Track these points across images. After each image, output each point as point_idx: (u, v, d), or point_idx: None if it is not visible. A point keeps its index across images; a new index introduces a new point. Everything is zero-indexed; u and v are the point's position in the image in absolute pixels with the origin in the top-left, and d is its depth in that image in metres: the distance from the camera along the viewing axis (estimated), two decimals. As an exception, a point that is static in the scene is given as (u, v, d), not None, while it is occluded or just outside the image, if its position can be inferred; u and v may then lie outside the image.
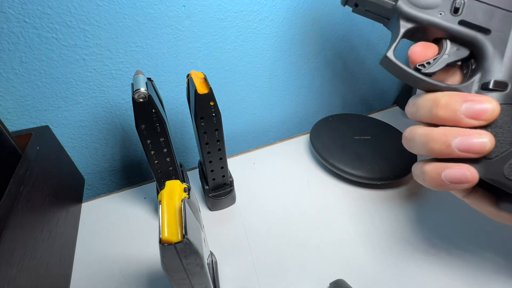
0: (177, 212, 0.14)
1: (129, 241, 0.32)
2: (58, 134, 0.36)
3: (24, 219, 0.23)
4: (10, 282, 0.19)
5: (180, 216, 0.14)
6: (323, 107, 0.55)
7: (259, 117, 0.49)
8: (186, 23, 0.35)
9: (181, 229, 0.13)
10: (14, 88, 0.32)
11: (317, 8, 0.42)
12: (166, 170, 0.30)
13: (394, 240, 0.31)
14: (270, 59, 0.44)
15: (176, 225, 0.14)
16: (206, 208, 0.36)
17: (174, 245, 0.13)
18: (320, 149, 0.40)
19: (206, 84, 0.26)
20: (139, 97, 0.24)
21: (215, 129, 0.28)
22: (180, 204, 0.14)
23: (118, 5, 0.31)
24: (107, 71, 0.34)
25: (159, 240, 0.13)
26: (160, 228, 0.14)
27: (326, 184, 0.39)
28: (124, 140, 0.41)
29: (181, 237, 0.13)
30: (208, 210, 0.36)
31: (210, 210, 0.36)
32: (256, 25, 0.39)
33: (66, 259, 0.29)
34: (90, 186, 0.43)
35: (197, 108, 0.26)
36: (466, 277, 0.28)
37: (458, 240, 0.31)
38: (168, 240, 0.13)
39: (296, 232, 0.33)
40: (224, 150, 0.31)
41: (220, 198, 0.34)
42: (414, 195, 0.37)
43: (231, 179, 0.35)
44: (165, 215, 0.14)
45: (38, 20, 0.29)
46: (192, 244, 0.14)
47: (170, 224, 0.14)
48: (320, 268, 0.29)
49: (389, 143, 0.40)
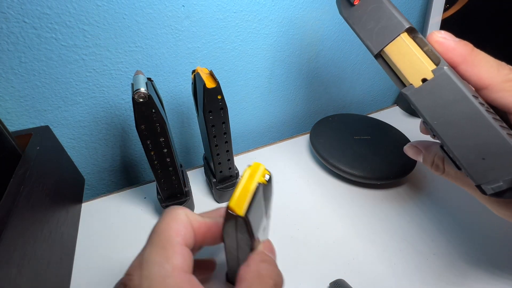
0: (250, 192, 0.15)
1: (129, 241, 0.32)
2: (58, 134, 0.36)
3: (24, 219, 0.23)
4: (10, 282, 0.19)
5: (250, 196, 0.15)
6: (323, 107, 0.55)
7: (259, 117, 0.49)
8: (186, 23, 0.35)
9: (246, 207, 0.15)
10: (13, 88, 0.31)
11: (317, 8, 0.42)
12: (166, 170, 0.30)
13: (394, 240, 0.31)
14: (269, 59, 0.44)
15: (244, 202, 0.15)
16: (213, 200, 0.37)
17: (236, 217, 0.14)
18: (320, 149, 0.40)
19: (213, 78, 0.27)
20: (139, 97, 0.24)
21: (222, 122, 0.30)
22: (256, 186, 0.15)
23: (118, 5, 0.31)
24: (107, 71, 0.34)
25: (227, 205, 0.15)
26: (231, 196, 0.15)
27: (326, 184, 0.39)
28: (124, 140, 0.41)
29: (243, 214, 0.14)
30: (215, 202, 0.37)
31: (218, 202, 0.37)
32: (255, 25, 0.39)
33: (66, 259, 0.29)
34: (90, 186, 0.43)
35: (205, 102, 0.27)
36: (466, 277, 0.28)
37: (458, 240, 0.31)
38: (232, 209, 0.14)
39: (296, 232, 0.33)
40: (230, 143, 0.32)
41: (227, 190, 0.35)
42: (414, 195, 0.37)
43: (237, 171, 0.36)
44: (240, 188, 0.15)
45: (37, 20, 0.29)
46: (248, 224, 0.15)
47: (240, 198, 0.15)
48: (320, 268, 0.29)
49: (389, 143, 0.40)
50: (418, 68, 0.18)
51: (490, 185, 0.16)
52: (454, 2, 0.46)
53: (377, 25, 0.20)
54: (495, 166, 0.16)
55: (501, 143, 0.16)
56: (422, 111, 0.18)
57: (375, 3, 0.20)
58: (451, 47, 0.18)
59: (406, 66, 0.18)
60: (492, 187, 0.16)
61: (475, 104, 0.16)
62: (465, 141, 0.17)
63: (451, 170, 0.22)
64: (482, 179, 0.17)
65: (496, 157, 0.16)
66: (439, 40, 0.18)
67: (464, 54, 0.18)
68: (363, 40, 0.21)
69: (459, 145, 0.17)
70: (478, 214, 0.33)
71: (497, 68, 0.18)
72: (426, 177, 0.39)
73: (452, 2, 0.46)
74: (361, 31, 0.20)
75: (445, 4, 0.46)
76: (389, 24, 0.19)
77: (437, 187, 0.37)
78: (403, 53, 0.18)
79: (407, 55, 0.18)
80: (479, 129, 0.16)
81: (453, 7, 0.46)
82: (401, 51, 0.19)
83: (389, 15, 0.19)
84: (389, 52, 0.19)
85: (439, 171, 0.23)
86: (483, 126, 0.16)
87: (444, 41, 0.18)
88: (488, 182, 0.17)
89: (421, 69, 0.18)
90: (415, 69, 0.18)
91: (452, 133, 0.17)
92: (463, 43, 0.18)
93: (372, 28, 0.20)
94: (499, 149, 0.16)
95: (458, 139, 0.17)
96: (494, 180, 0.16)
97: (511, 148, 0.16)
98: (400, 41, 0.18)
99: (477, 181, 0.17)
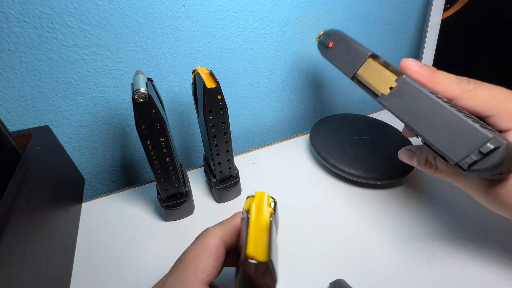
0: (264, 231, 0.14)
1: (129, 241, 0.32)
2: (58, 134, 0.36)
3: (24, 219, 0.23)
4: (10, 282, 0.19)
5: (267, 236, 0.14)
6: (323, 107, 0.55)
7: (259, 117, 0.49)
8: (186, 23, 0.35)
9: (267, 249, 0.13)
10: (14, 88, 0.31)
11: (317, 8, 0.42)
12: (166, 170, 0.30)
13: (394, 240, 0.31)
14: (270, 59, 0.44)
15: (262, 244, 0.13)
16: (214, 200, 0.37)
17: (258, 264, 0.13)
18: (320, 149, 0.40)
19: (213, 78, 0.27)
20: (139, 97, 0.24)
21: (222, 122, 0.30)
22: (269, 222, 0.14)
23: (118, 5, 0.31)
24: (107, 71, 0.34)
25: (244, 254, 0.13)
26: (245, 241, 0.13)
27: (326, 184, 0.39)
28: (124, 140, 0.41)
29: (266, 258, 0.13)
30: (215, 202, 0.37)
31: (218, 202, 0.37)
32: (256, 25, 0.39)
33: (66, 259, 0.29)
34: (90, 186, 0.43)
35: (205, 102, 0.27)
36: (466, 277, 0.28)
37: (458, 240, 0.31)
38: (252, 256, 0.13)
39: (296, 232, 0.33)
40: (230, 143, 0.32)
41: (227, 190, 0.35)
42: (414, 195, 0.37)
43: (237, 171, 0.36)
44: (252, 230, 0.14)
45: (38, 20, 0.29)
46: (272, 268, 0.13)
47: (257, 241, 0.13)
48: (320, 268, 0.29)
49: (389, 143, 0.40)
50: (384, 80, 0.23)
51: (464, 160, 0.19)
52: (454, 2, 0.46)
53: (348, 57, 0.26)
54: (462, 143, 0.19)
55: (460, 122, 0.19)
56: (395, 111, 0.22)
57: (344, 43, 0.27)
58: (416, 70, 0.22)
59: (375, 81, 0.24)
60: (465, 161, 0.19)
61: (431, 97, 0.20)
62: (434, 128, 0.20)
63: (442, 165, 0.24)
64: (457, 157, 0.19)
65: (460, 135, 0.19)
66: (407, 66, 0.22)
67: (428, 75, 0.22)
68: (340, 69, 0.27)
69: (431, 132, 0.20)
70: (478, 214, 0.33)
71: (457, 83, 0.21)
72: (426, 177, 0.39)
73: (452, 2, 0.46)
74: (338, 63, 0.27)
75: (445, 4, 0.46)
76: (357, 54, 0.25)
77: (437, 187, 0.37)
78: (371, 72, 0.24)
79: (375, 72, 0.24)
80: (440, 115, 0.20)
81: (453, 7, 0.46)
82: (369, 71, 0.24)
83: (356, 48, 0.25)
84: (361, 74, 0.25)
85: (432, 168, 0.25)
86: (442, 112, 0.20)
87: (411, 67, 0.22)
88: (462, 159, 0.19)
89: (387, 80, 0.23)
90: (383, 82, 0.23)
91: (423, 124, 0.21)
92: (426, 67, 0.22)
93: (346, 59, 0.26)
94: (460, 128, 0.19)
95: (428, 128, 0.20)
96: (466, 155, 0.19)
97: (468, 125, 0.18)
98: (367, 64, 0.24)
99: (454, 159, 0.19)
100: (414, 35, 0.54)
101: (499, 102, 0.20)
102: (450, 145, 0.19)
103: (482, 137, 0.18)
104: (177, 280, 0.16)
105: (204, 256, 0.16)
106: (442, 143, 0.20)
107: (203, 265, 0.16)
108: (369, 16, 0.47)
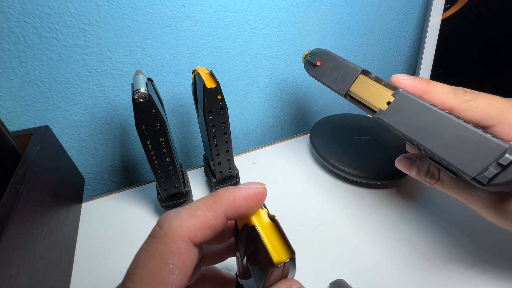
0: (274, 232, 0.14)
1: (129, 241, 0.32)
2: (58, 134, 0.36)
3: (24, 219, 0.23)
4: (10, 282, 0.19)
5: (277, 233, 0.14)
6: (323, 107, 0.55)
7: (259, 117, 0.49)
8: (186, 23, 0.35)
9: (286, 245, 0.14)
10: (14, 88, 0.31)
11: (317, 8, 0.42)
12: (166, 170, 0.30)
13: (394, 240, 0.31)
14: (270, 59, 0.44)
15: (280, 244, 0.14)
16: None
17: (284, 263, 0.13)
18: (320, 149, 0.40)
19: (213, 78, 0.27)
20: (139, 97, 0.24)
21: (222, 122, 0.30)
22: (270, 220, 0.15)
23: (118, 5, 0.31)
24: (107, 71, 0.34)
25: (272, 264, 0.13)
26: (268, 252, 0.13)
27: (326, 184, 0.39)
28: (124, 140, 0.41)
29: (290, 254, 0.13)
30: None
31: None
32: (256, 25, 0.39)
33: (66, 259, 0.29)
34: (90, 186, 0.43)
35: (205, 102, 0.27)
36: (466, 277, 0.28)
37: (458, 240, 0.31)
38: (280, 261, 0.13)
39: (296, 232, 0.33)
40: (230, 143, 0.32)
41: None
42: (413, 195, 0.37)
43: (237, 171, 0.36)
44: (264, 237, 0.14)
45: (38, 20, 0.29)
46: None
47: (274, 244, 0.14)
48: (320, 268, 0.29)
49: (389, 143, 0.40)
50: (380, 95, 0.22)
51: (483, 174, 0.17)
52: (454, 2, 0.46)
53: (339, 74, 0.25)
54: (477, 156, 0.17)
55: (470, 133, 0.17)
56: (396, 126, 0.21)
57: (333, 60, 0.26)
58: (409, 84, 0.21)
59: (370, 97, 0.23)
60: (485, 175, 0.17)
61: (434, 109, 0.19)
62: (442, 141, 0.19)
63: (446, 177, 0.23)
64: (474, 171, 0.18)
65: (473, 147, 0.17)
66: (398, 81, 0.22)
67: (422, 87, 0.21)
68: (331, 87, 0.26)
69: (439, 146, 0.19)
70: (477, 215, 0.33)
71: (454, 93, 0.20)
72: (426, 177, 0.39)
73: (452, 2, 0.46)
74: (328, 81, 0.26)
75: (445, 4, 0.46)
76: (347, 71, 0.25)
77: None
78: (364, 88, 0.23)
79: (369, 88, 0.23)
80: (447, 128, 0.18)
81: (453, 7, 0.46)
82: (362, 87, 0.23)
83: (346, 65, 0.25)
84: (354, 90, 0.24)
85: (433, 179, 0.23)
86: (448, 124, 0.18)
87: (403, 81, 0.21)
88: (480, 173, 0.17)
89: (383, 95, 0.22)
90: (379, 97, 0.22)
91: (429, 138, 0.19)
92: (418, 79, 0.21)
93: (336, 77, 0.25)
94: (471, 139, 0.17)
95: (436, 142, 0.19)
96: (484, 168, 0.17)
97: (480, 136, 0.17)
98: (360, 80, 0.24)
99: (471, 174, 0.18)
100: (414, 35, 0.54)
101: (500, 111, 0.20)
102: (463, 158, 0.18)
103: (498, 148, 0.16)
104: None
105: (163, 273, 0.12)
106: (453, 157, 0.18)
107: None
108: (369, 16, 0.47)
